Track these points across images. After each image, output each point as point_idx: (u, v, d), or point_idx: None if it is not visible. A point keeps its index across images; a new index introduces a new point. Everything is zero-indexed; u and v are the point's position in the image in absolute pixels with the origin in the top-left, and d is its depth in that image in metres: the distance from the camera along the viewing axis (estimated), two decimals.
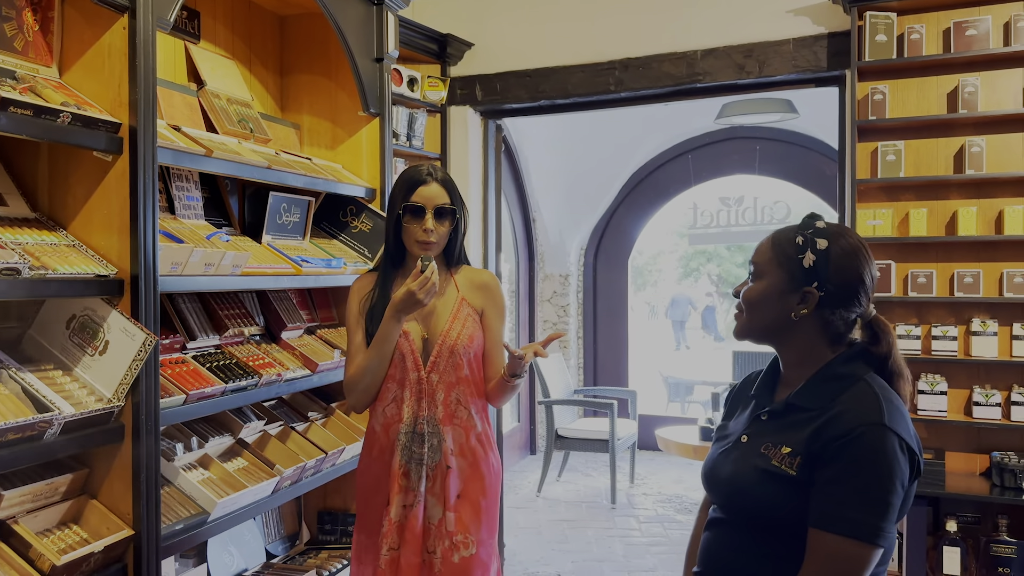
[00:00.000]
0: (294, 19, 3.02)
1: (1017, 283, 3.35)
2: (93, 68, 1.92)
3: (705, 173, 7.19)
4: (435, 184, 2.14)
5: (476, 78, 4.33)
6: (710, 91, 4.06)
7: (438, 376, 2.14)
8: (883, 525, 1.29)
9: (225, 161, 2.25)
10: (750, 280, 1.50)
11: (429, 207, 2.11)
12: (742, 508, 1.44)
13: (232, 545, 2.64)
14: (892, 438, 1.31)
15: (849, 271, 1.41)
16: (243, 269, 2.29)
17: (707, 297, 21.31)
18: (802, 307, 1.42)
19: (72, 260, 1.83)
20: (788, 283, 1.43)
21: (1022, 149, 3.40)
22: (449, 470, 2.12)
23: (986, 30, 3.37)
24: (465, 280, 2.23)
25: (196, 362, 2.26)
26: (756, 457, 1.42)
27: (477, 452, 2.17)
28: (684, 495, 5.85)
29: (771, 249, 1.47)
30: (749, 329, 1.50)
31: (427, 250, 2.12)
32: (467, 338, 2.15)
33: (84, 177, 1.93)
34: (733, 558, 1.45)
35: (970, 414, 3.42)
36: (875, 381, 1.40)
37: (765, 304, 1.46)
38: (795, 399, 1.43)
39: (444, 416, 2.13)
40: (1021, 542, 3.23)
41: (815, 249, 1.41)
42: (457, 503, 2.13)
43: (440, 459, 2.12)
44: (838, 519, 1.29)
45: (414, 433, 2.12)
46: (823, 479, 1.32)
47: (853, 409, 1.35)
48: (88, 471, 1.95)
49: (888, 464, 1.30)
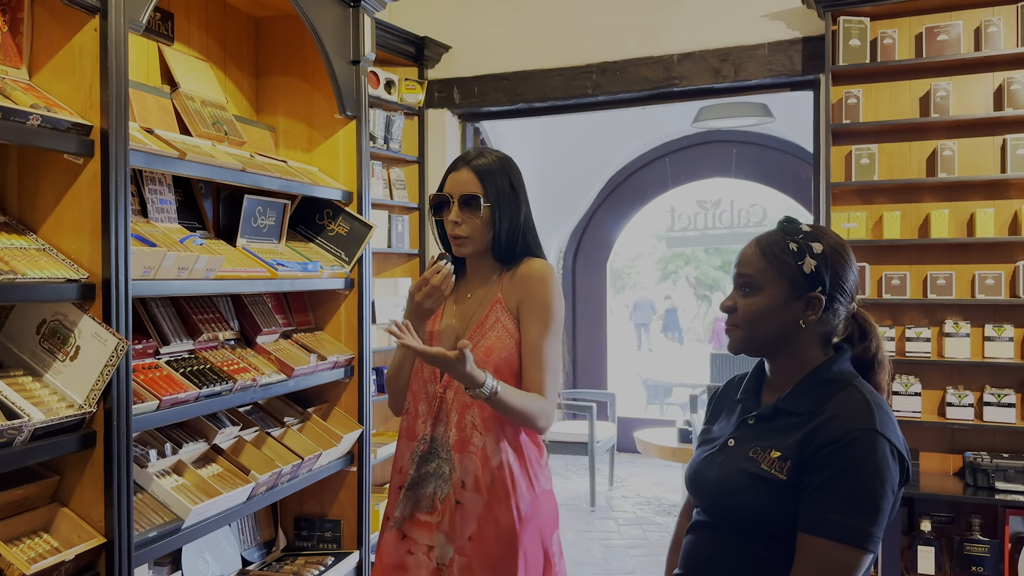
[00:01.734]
0: (269, 21, 3.00)
1: (988, 285, 3.40)
2: (64, 70, 1.89)
3: (682, 176, 7.24)
4: (465, 170, 1.85)
5: (454, 81, 4.33)
6: (687, 95, 4.08)
7: (453, 393, 1.84)
8: (873, 530, 1.29)
9: (199, 164, 2.23)
10: (741, 294, 1.46)
11: (455, 196, 1.85)
12: (729, 512, 1.43)
13: (207, 552, 2.61)
14: (884, 444, 1.31)
15: (844, 268, 1.43)
16: (217, 273, 2.27)
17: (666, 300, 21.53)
18: (810, 313, 1.41)
19: (42, 264, 1.80)
20: (791, 292, 1.41)
21: (993, 153, 3.45)
22: (458, 505, 1.81)
23: (957, 35, 3.41)
24: (511, 275, 1.88)
25: (170, 367, 2.23)
26: (744, 461, 1.42)
27: (497, 490, 1.79)
28: (663, 497, 5.88)
29: (763, 260, 1.43)
30: (750, 343, 1.47)
31: (460, 246, 1.86)
32: (484, 351, 1.82)
33: (55, 180, 1.90)
34: (717, 561, 1.44)
35: (943, 415, 3.46)
36: (864, 386, 1.41)
37: (769, 317, 1.43)
38: (784, 403, 1.43)
39: (457, 441, 1.83)
40: (994, 541, 3.27)
41: (813, 253, 1.41)
42: (469, 546, 1.80)
43: (450, 491, 1.82)
44: (829, 524, 1.29)
45: (428, 454, 1.85)
46: (814, 484, 1.32)
47: (845, 414, 1.35)
48: (59, 478, 1.92)
49: (880, 469, 1.30)
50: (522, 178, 1.92)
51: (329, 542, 2.93)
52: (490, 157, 1.88)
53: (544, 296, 1.83)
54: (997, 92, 3.42)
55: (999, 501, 3.24)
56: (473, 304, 1.91)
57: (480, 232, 1.85)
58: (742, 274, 1.46)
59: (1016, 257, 3.41)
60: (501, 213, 1.85)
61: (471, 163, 1.86)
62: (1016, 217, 3.40)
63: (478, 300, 1.90)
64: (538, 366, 1.81)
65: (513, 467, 1.82)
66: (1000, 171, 3.41)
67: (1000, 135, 3.42)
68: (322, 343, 2.85)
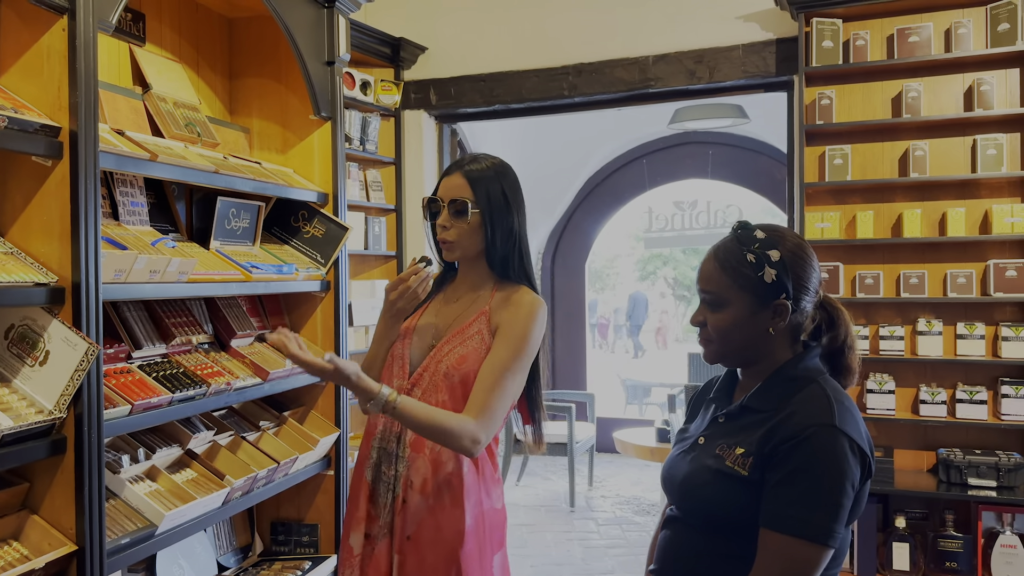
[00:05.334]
0: (243, 22, 2.97)
1: (960, 284, 3.44)
2: (31, 71, 1.86)
3: (659, 177, 7.28)
4: (457, 175, 1.82)
5: (430, 82, 4.32)
6: (662, 96, 4.10)
7: (420, 392, 1.81)
8: (833, 526, 1.30)
9: (170, 166, 2.20)
10: (708, 309, 1.46)
11: (445, 200, 1.82)
12: (696, 507, 1.46)
13: (182, 558, 2.58)
14: (843, 439, 1.32)
15: (805, 269, 1.44)
16: (190, 276, 2.25)
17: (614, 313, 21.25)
18: (778, 320, 1.43)
19: (10, 268, 1.77)
20: (756, 303, 1.42)
21: (963, 153, 3.49)
22: (404, 504, 1.79)
23: (928, 37, 3.46)
24: (504, 295, 1.85)
25: (142, 372, 2.21)
26: (710, 458, 1.44)
27: (443, 497, 1.77)
28: (642, 496, 5.89)
29: (724, 274, 1.43)
30: (724, 355, 1.49)
31: (448, 251, 1.84)
32: (457, 358, 1.79)
33: (22, 183, 1.87)
34: (687, 557, 1.46)
35: (917, 412, 3.50)
36: (828, 383, 1.42)
37: (738, 330, 1.44)
38: (750, 401, 1.45)
39: (414, 440, 1.80)
40: (967, 536, 3.31)
41: (771, 262, 1.41)
42: (408, 545, 1.77)
43: (400, 490, 1.79)
44: (788, 519, 1.31)
45: (384, 450, 1.83)
46: (774, 480, 1.34)
47: (804, 410, 1.36)
48: (28, 485, 1.89)
49: (838, 465, 1.31)
50: (519, 187, 1.88)
51: (306, 547, 2.91)
52: (485, 163, 1.85)
53: (526, 326, 1.79)
54: (967, 93, 3.46)
55: (972, 497, 3.28)
56: (459, 308, 1.89)
57: (468, 238, 1.82)
58: (705, 291, 1.46)
59: (987, 256, 3.45)
60: (493, 220, 1.81)
61: (464, 168, 1.84)
62: (986, 216, 3.45)
63: (464, 305, 1.88)
64: (489, 388, 1.74)
65: (466, 477, 1.79)
66: (971, 171, 3.46)
67: (970, 135, 3.47)
68: None
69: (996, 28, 3.36)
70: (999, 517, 3.30)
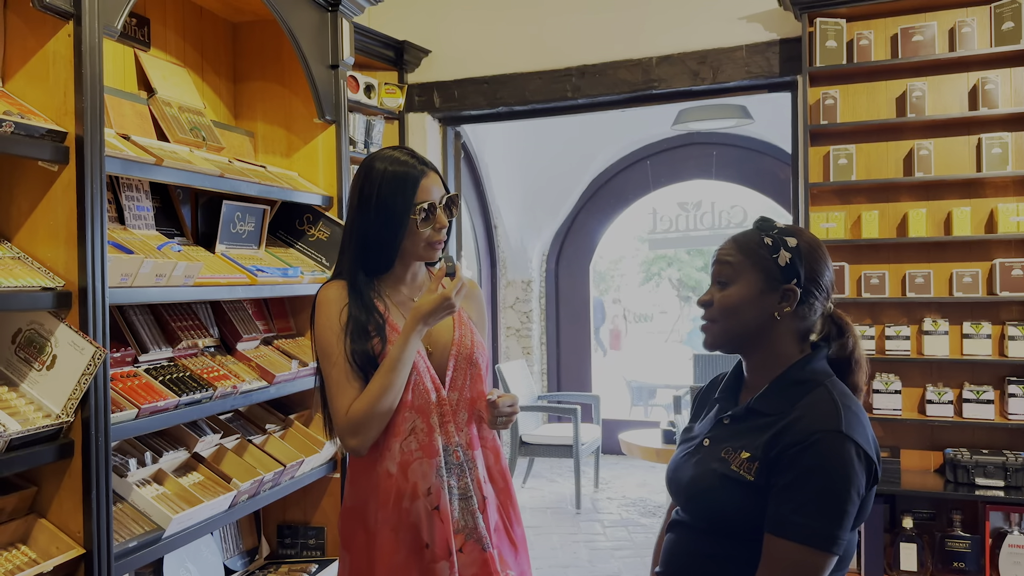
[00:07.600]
0: (247, 26, 2.98)
1: (966, 283, 3.43)
2: (37, 76, 1.87)
3: (663, 179, 7.27)
4: (433, 173, 1.82)
5: (434, 85, 4.32)
6: (666, 97, 4.10)
7: (458, 394, 1.81)
8: (837, 533, 1.29)
9: (176, 170, 2.21)
10: (717, 288, 1.47)
11: (439, 203, 1.81)
12: (701, 511, 1.45)
13: (189, 561, 2.59)
14: (849, 446, 1.31)
15: (819, 264, 1.44)
16: (196, 280, 2.25)
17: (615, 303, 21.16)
18: (785, 305, 1.42)
19: (17, 273, 1.78)
20: (766, 283, 1.42)
21: (968, 152, 3.48)
22: (486, 500, 1.80)
23: (932, 36, 3.45)
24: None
25: (148, 375, 2.21)
26: (716, 461, 1.43)
27: (506, 473, 1.88)
28: (648, 498, 5.88)
29: (739, 252, 1.45)
30: (726, 336, 1.48)
31: (441, 252, 1.86)
32: (480, 344, 1.86)
33: (29, 188, 1.88)
34: (692, 560, 1.45)
35: (924, 412, 3.49)
36: (835, 387, 1.41)
37: (745, 308, 1.44)
38: (756, 404, 1.44)
39: (471, 440, 1.82)
40: (975, 536, 3.30)
41: (787, 247, 1.42)
42: (496, 539, 1.81)
43: (475, 491, 1.79)
44: (792, 525, 1.30)
45: (451, 465, 1.78)
46: (779, 485, 1.33)
47: (810, 415, 1.35)
48: (36, 489, 1.90)
49: (844, 472, 1.30)
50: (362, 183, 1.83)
51: (313, 549, 2.92)
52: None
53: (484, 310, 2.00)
54: (972, 92, 3.46)
55: (979, 497, 3.27)
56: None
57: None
58: (719, 262, 1.48)
59: (992, 255, 3.45)
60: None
61: (431, 166, 1.84)
62: (992, 215, 3.44)
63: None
64: None
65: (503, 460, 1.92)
66: (976, 170, 3.45)
67: (975, 134, 3.46)
68: (304, 349, 2.84)
69: (1000, 27, 3.35)
70: (1007, 517, 3.29)
